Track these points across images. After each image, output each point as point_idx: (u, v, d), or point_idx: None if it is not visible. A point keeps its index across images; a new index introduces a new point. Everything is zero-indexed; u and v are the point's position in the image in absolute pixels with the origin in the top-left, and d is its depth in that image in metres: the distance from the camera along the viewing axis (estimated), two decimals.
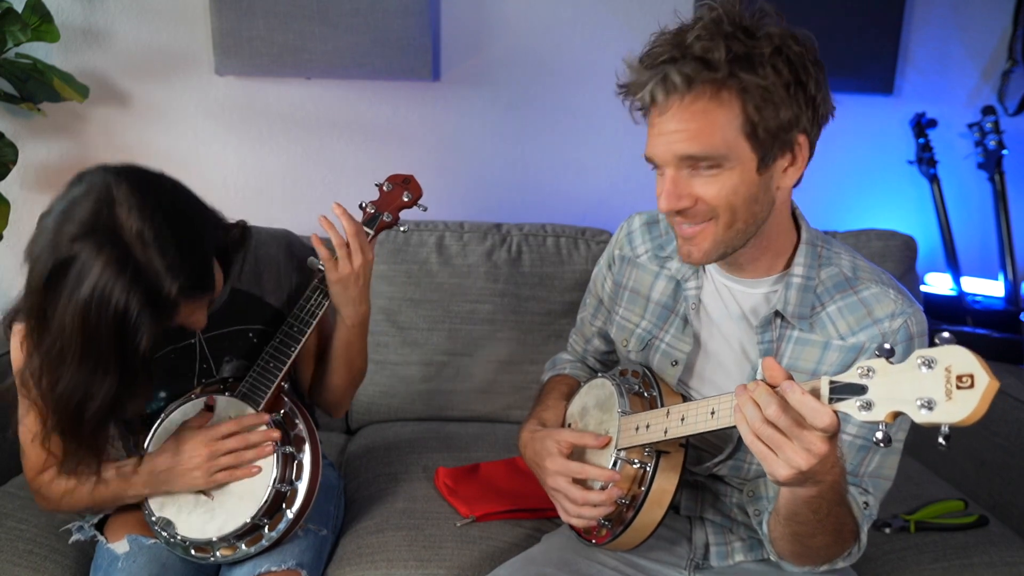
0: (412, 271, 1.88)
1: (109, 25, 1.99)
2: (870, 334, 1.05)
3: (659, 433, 1.05)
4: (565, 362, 1.41)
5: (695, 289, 1.16)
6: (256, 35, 1.92)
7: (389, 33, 1.94)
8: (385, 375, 1.88)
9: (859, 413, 0.77)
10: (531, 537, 1.38)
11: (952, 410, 0.69)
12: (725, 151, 0.97)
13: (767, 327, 1.09)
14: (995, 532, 1.43)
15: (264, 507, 1.18)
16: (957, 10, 2.16)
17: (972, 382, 0.68)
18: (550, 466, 1.14)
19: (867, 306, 1.06)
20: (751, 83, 0.94)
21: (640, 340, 1.22)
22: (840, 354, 1.06)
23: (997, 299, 2.13)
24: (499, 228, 1.95)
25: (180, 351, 1.26)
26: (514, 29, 2.08)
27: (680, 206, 1.00)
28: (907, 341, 1.04)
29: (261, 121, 2.10)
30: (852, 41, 2.08)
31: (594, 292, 1.36)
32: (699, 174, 0.99)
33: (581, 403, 1.24)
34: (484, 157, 2.17)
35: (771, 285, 1.11)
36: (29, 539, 1.32)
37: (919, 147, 2.16)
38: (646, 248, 1.24)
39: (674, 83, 0.95)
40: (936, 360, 0.71)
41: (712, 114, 0.96)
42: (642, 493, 1.08)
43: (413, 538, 1.37)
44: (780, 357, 1.09)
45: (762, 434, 0.83)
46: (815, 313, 1.08)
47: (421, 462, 1.63)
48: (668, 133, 0.98)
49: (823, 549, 1.02)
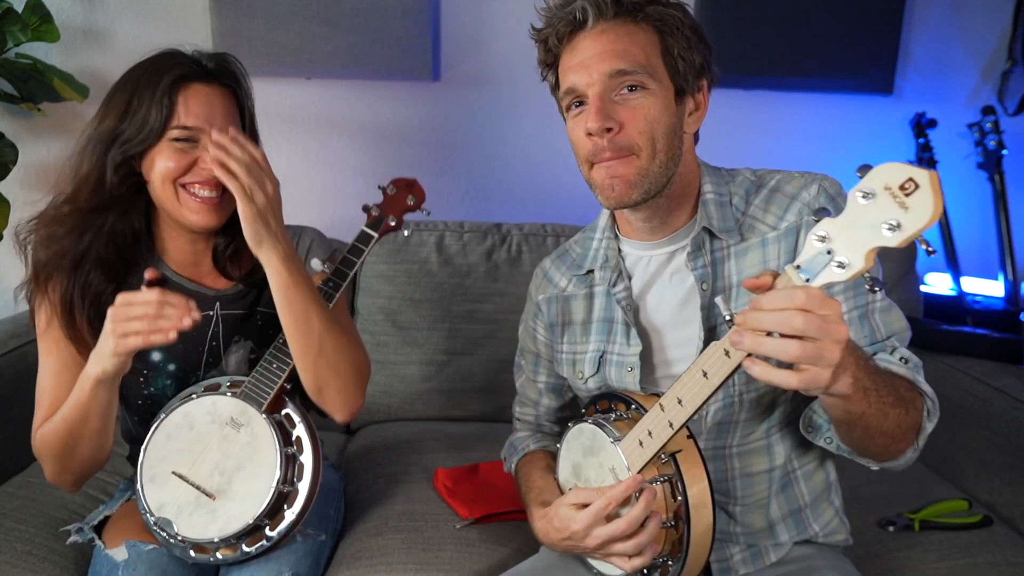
0: (412, 271, 1.88)
1: (109, 25, 1.99)
2: (796, 210, 1.08)
3: (666, 430, 0.98)
4: (524, 440, 1.35)
5: (624, 290, 1.15)
6: (256, 35, 1.92)
7: (389, 33, 1.94)
8: (385, 375, 1.88)
9: (841, 273, 0.76)
10: (531, 539, 1.37)
11: (916, 217, 0.70)
12: (651, 70, 1.03)
13: (698, 252, 1.10)
14: (999, 532, 1.43)
15: (267, 508, 1.17)
16: (957, 10, 2.16)
17: (915, 184, 0.69)
18: (579, 526, 1.03)
19: (779, 190, 1.11)
20: (666, 14, 1.04)
21: (592, 362, 1.19)
22: (780, 242, 1.08)
23: (997, 299, 2.13)
24: (499, 228, 1.95)
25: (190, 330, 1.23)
26: (514, 29, 2.08)
27: (607, 124, 1.02)
28: (831, 201, 1.07)
29: (261, 121, 2.08)
30: (852, 41, 2.08)
31: (528, 351, 1.34)
32: (624, 100, 1.03)
33: (569, 464, 1.17)
34: (484, 157, 2.17)
35: (690, 230, 1.12)
36: (28, 540, 1.32)
37: (919, 147, 2.16)
38: (567, 279, 1.25)
39: (605, 2, 1.03)
40: (872, 188, 0.72)
41: (635, 35, 1.04)
42: (681, 504, 1.01)
43: (412, 541, 1.36)
44: (727, 277, 1.09)
45: (805, 355, 0.77)
46: (741, 223, 1.10)
47: (421, 462, 1.63)
48: (594, 55, 1.03)
49: (903, 420, 0.95)
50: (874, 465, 1.03)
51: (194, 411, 1.24)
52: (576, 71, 1.05)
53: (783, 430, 1.13)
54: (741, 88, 2.12)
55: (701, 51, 1.06)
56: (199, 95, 1.19)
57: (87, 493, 1.48)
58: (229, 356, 1.32)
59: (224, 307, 1.30)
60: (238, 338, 1.31)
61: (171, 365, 1.29)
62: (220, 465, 1.21)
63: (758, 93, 2.14)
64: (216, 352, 1.30)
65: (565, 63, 1.07)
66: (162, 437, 1.23)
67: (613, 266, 1.17)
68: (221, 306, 1.30)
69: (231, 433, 1.22)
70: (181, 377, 1.30)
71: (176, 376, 1.29)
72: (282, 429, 1.22)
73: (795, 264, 0.79)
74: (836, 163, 2.18)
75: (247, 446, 1.21)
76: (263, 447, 1.20)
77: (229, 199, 1.19)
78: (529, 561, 1.23)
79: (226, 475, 1.20)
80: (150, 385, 1.29)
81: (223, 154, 1.12)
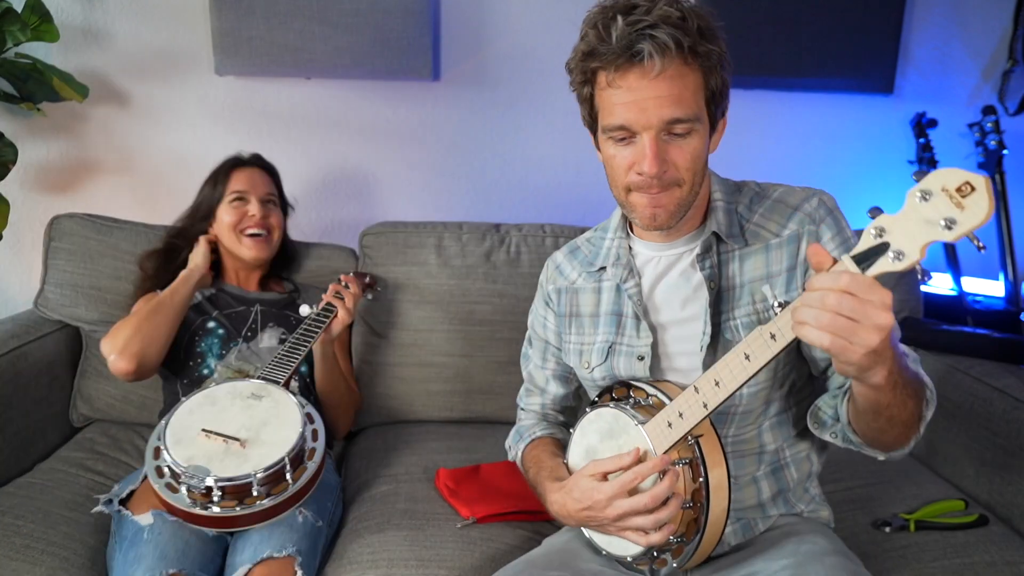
0: (411, 272, 1.88)
1: (109, 25, 1.99)
2: (797, 220, 1.14)
3: (700, 411, 1.01)
4: (530, 427, 1.36)
5: (635, 286, 1.20)
6: (256, 35, 1.92)
7: (389, 33, 1.94)
8: (384, 377, 1.88)
9: (896, 264, 0.82)
10: (532, 539, 1.38)
11: (972, 215, 0.77)
12: (698, 114, 1.05)
13: (706, 255, 1.15)
14: (995, 531, 1.43)
15: (296, 447, 1.30)
16: (957, 10, 2.16)
17: (971, 187, 0.76)
18: (602, 495, 1.06)
19: (783, 201, 1.17)
20: (711, 52, 1.04)
21: (600, 352, 1.23)
22: (782, 249, 1.14)
23: (997, 299, 2.13)
24: (498, 229, 1.95)
25: (240, 312, 1.71)
26: (514, 29, 2.08)
27: (664, 169, 1.05)
28: (829, 215, 1.14)
29: (261, 121, 2.10)
30: (852, 41, 2.08)
31: (538, 338, 1.37)
32: (674, 141, 1.06)
33: (582, 448, 1.18)
34: (484, 157, 2.17)
35: (699, 234, 1.18)
36: (26, 534, 1.33)
37: (919, 147, 2.16)
38: (578, 272, 1.30)
39: (667, 45, 1.00)
40: (930, 189, 0.79)
41: (687, 79, 1.04)
42: (702, 486, 1.04)
43: (414, 539, 1.37)
44: (731, 277, 1.15)
45: (835, 326, 0.82)
46: (746, 229, 1.17)
47: (421, 463, 1.63)
48: (652, 98, 1.03)
49: (916, 410, 1.00)
50: (880, 455, 1.07)
51: (215, 392, 1.41)
52: (630, 109, 1.04)
53: (775, 421, 1.20)
54: (741, 88, 2.12)
55: (729, 74, 1.08)
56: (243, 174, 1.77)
57: (93, 481, 1.49)
58: (264, 332, 1.68)
59: (263, 306, 1.74)
60: (272, 324, 1.70)
61: (220, 330, 1.66)
62: (246, 423, 1.34)
63: (758, 93, 2.15)
64: (255, 329, 1.69)
65: (615, 96, 1.06)
66: (184, 412, 1.36)
67: (625, 263, 1.22)
68: (260, 305, 1.74)
69: (253, 403, 1.39)
70: (225, 339, 1.65)
71: (222, 338, 1.65)
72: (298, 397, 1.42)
73: (851, 253, 0.84)
74: (836, 163, 2.18)
75: (271, 408, 1.38)
76: (285, 408, 1.37)
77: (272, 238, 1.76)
78: (540, 548, 1.25)
79: (253, 429, 1.33)
80: (202, 342, 1.64)
81: None
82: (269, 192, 1.77)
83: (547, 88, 2.10)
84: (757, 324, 1.11)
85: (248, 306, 1.73)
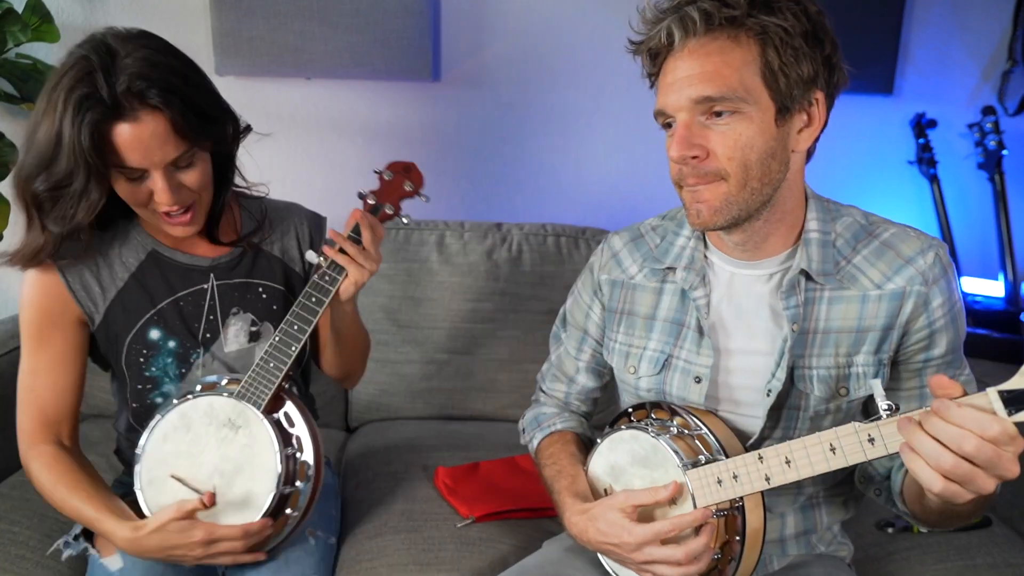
0: (413, 269, 1.88)
1: (109, 25, 1.99)
2: (907, 275, 1.01)
3: (759, 483, 0.93)
4: (550, 417, 1.28)
5: (704, 296, 1.08)
6: (256, 35, 1.92)
7: (389, 33, 1.94)
8: (385, 373, 1.88)
9: None
10: (531, 538, 1.37)
11: None
12: (743, 93, 0.92)
13: (792, 291, 1.02)
14: (998, 533, 1.43)
15: (268, 511, 1.16)
16: (957, 10, 2.16)
17: None
18: (632, 539, 0.99)
19: (893, 247, 1.02)
20: (770, 24, 0.91)
21: (653, 362, 1.12)
22: (880, 304, 1.01)
23: (997, 299, 2.13)
24: (499, 227, 1.95)
25: (192, 296, 1.27)
26: (514, 29, 2.08)
27: (691, 153, 0.95)
28: (943, 276, 1.01)
29: (261, 121, 2.08)
30: (852, 41, 2.07)
31: (576, 326, 1.26)
32: (714, 124, 0.94)
33: (608, 462, 1.10)
34: (484, 157, 2.17)
35: (786, 260, 1.05)
36: (21, 543, 1.30)
37: (919, 147, 2.17)
38: (639, 266, 1.17)
39: (692, 19, 0.92)
40: None
41: (730, 54, 0.93)
42: (737, 542, 0.98)
43: (412, 541, 1.36)
44: (815, 320, 1.03)
45: (956, 473, 0.73)
46: (841, 268, 1.03)
47: (421, 461, 1.63)
48: (683, 77, 0.94)
49: (981, 509, 0.93)
50: (925, 528, 1.03)
51: (190, 412, 1.20)
52: (665, 92, 0.97)
53: None
54: None
55: (815, 59, 0.94)
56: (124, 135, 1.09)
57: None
58: (227, 328, 1.30)
59: (219, 277, 1.29)
60: (236, 310, 1.30)
61: (171, 342, 1.27)
62: (219, 467, 1.18)
63: None
64: (214, 326, 1.29)
65: (660, 81, 0.99)
66: (159, 439, 1.19)
67: (698, 269, 1.10)
68: (216, 276, 1.29)
69: (229, 435, 1.19)
70: (181, 354, 1.28)
71: (176, 353, 1.27)
72: (281, 429, 1.20)
73: (1001, 389, 0.73)
74: (836, 163, 2.18)
75: (245, 448, 1.18)
76: (262, 449, 1.18)
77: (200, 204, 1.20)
78: (534, 556, 1.21)
79: (225, 477, 1.17)
80: (151, 365, 1.27)
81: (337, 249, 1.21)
82: (175, 149, 1.10)
83: (547, 88, 2.10)
84: (836, 380, 1.03)
85: (200, 280, 1.28)
